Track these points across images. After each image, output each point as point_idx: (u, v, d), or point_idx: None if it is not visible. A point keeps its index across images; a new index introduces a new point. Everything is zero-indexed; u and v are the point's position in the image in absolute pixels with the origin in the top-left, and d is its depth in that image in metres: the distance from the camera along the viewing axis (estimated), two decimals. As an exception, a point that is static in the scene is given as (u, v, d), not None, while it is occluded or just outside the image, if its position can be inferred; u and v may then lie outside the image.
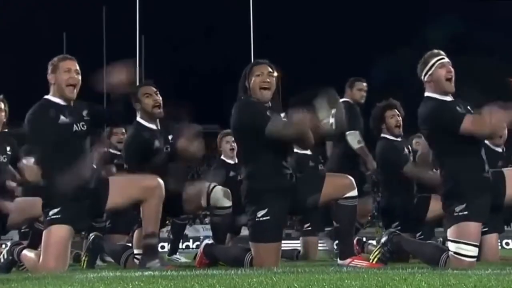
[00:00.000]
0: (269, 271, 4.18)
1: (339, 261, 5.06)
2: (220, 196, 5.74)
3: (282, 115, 5.06)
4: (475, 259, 4.69)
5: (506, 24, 46.74)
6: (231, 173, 7.77)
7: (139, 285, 3.27)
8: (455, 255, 4.64)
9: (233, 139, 7.54)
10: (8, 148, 6.16)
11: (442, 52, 4.92)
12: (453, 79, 4.85)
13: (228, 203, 5.81)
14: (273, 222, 4.94)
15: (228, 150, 8.05)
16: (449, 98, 4.86)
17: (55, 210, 4.91)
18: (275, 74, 5.19)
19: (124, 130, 7.49)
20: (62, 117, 4.94)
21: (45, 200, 5.03)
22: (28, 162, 5.07)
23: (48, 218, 4.94)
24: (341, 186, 5.02)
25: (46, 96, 5.09)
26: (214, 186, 5.76)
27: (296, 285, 3.07)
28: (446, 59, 4.88)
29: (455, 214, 4.69)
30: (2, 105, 6.26)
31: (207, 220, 28.70)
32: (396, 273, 3.79)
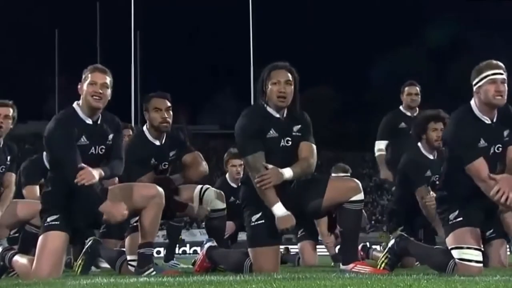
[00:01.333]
0: (269, 277, 4.09)
1: (341, 267, 4.96)
2: (213, 198, 5.63)
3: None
4: (482, 264, 4.61)
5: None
6: (232, 199, 7.22)
7: (133, 292, 3.17)
8: (461, 262, 4.55)
9: (240, 162, 7.30)
10: (8, 158, 5.98)
11: (500, 65, 4.60)
12: (504, 96, 4.55)
13: (222, 205, 5.70)
14: (268, 225, 4.83)
15: (234, 173, 7.59)
16: (487, 120, 4.59)
17: (54, 217, 4.85)
18: (296, 76, 4.91)
19: (131, 132, 7.24)
20: (83, 138, 4.80)
21: (44, 205, 4.96)
22: None
23: (45, 224, 4.88)
24: (346, 190, 4.88)
25: (75, 105, 4.86)
26: (207, 189, 5.63)
27: (296, 292, 2.97)
28: (501, 76, 4.56)
29: (450, 222, 4.67)
30: (11, 112, 5.96)
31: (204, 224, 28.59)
32: (401, 279, 3.69)
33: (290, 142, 4.90)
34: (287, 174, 4.76)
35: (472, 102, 4.63)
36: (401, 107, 7.73)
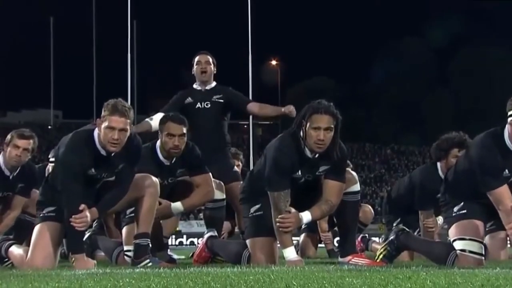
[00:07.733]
0: (266, 268, 4.08)
1: (339, 259, 4.96)
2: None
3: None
4: (483, 257, 4.62)
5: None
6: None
7: (130, 282, 3.17)
8: (463, 253, 4.56)
9: (237, 163, 7.15)
10: (19, 185, 5.92)
11: None
12: None
13: (221, 195, 5.66)
14: (267, 216, 4.80)
15: None
16: None
17: (51, 208, 4.89)
18: (338, 118, 4.65)
19: None
20: (92, 170, 4.75)
21: (42, 197, 5.00)
22: None
23: (41, 215, 4.93)
24: None
25: (95, 133, 4.71)
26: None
27: (294, 283, 2.96)
28: None
29: (454, 214, 4.69)
30: (31, 144, 5.80)
31: (201, 215, 28.47)
32: (400, 271, 3.69)
33: (311, 177, 4.82)
34: (306, 219, 4.74)
35: (505, 131, 4.50)
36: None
